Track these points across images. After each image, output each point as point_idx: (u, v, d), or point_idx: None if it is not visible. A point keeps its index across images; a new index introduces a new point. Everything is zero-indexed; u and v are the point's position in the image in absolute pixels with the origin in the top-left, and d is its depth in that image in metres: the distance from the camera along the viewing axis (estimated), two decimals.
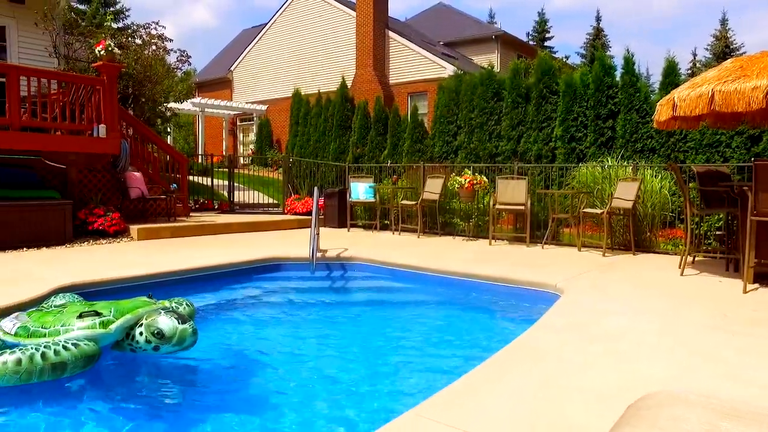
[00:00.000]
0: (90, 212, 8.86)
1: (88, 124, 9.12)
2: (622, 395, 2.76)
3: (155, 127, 14.30)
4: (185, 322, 3.36)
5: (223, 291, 6.30)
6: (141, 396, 3.58)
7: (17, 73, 8.47)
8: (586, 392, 2.84)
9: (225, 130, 28.33)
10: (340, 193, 11.49)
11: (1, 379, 2.99)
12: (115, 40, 12.40)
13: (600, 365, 3.26)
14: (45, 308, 3.97)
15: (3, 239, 7.62)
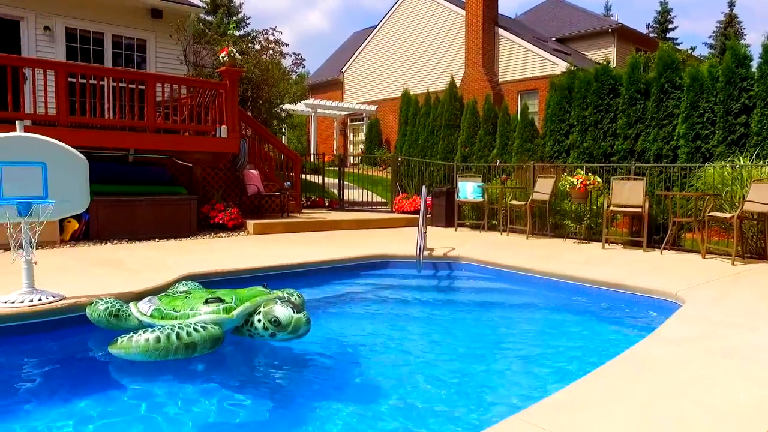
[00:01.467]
0: (212, 207, 9.53)
1: (212, 125, 9.80)
2: (754, 418, 2.54)
3: (271, 128, 15.07)
4: (300, 312, 3.56)
5: (330, 285, 6.53)
6: (255, 378, 3.83)
7: (154, 80, 9.29)
8: (710, 411, 2.64)
9: (336, 130, 29.24)
10: (448, 193, 11.48)
11: (144, 355, 3.34)
12: (237, 46, 13.22)
13: (726, 383, 3.02)
14: (172, 294, 4.33)
15: (139, 230, 8.40)
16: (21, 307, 4.33)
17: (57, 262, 6.27)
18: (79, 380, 3.77)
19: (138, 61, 12.90)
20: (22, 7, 11.29)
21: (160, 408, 3.23)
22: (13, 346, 4.22)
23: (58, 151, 4.64)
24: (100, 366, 4.01)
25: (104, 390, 3.53)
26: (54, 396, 3.49)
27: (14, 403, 3.38)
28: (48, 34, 11.60)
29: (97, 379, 3.76)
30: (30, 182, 4.47)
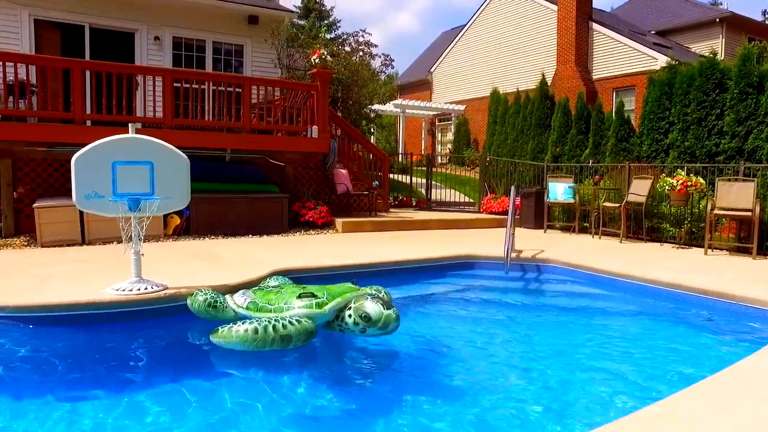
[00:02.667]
0: (303, 205, 9.84)
1: (304, 125, 10.11)
2: None
3: (360, 128, 15.33)
4: (390, 308, 3.62)
5: (417, 284, 6.55)
6: (343, 371, 3.93)
7: (250, 83, 9.73)
8: None
9: (424, 130, 29.28)
10: (538, 194, 11.20)
11: (242, 345, 3.54)
12: (328, 49, 13.55)
13: None
14: (264, 288, 4.52)
15: (235, 226, 8.83)
16: (130, 294, 4.68)
17: (161, 255, 6.71)
18: (180, 364, 4.03)
19: (235, 65, 13.55)
20: (136, 20, 12.18)
21: (253, 395, 3.39)
22: (122, 329, 4.57)
23: (163, 151, 4.97)
24: (200, 352, 4.26)
25: (203, 375, 3.75)
26: (158, 377, 3.75)
27: (124, 380, 3.66)
28: (157, 44, 12.44)
29: (196, 364, 4.00)
30: (139, 180, 4.82)
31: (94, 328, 4.51)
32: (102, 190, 4.73)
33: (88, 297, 4.63)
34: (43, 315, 4.44)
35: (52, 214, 7.46)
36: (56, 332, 4.41)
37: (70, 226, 7.54)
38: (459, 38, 27.87)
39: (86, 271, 5.77)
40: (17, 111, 8.53)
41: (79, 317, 4.50)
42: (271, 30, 12.98)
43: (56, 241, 7.45)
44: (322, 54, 10.62)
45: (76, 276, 5.55)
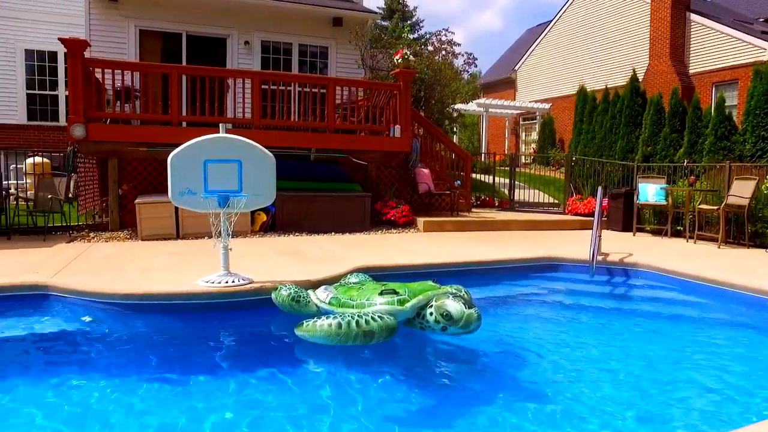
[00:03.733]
0: (384, 204, 9.93)
1: (386, 125, 10.20)
2: None
3: (443, 127, 15.26)
4: (471, 308, 3.58)
5: (498, 285, 6.44)
6: (422, 369, 3.93)
7: (334, 84, 9.93)
8: None
9: (507, 129, 28.73)
10: (627, 195, 10.69)
11: (326, 339, 3.62)
12: (411, 48, 13.60)
13: None
14: (345, 284, 4.60)
15: (318, 224, 9.04)
16: (219, 287, 4.91)
17: (247, 250, 6.98)
18: (264, 354, 4.18)
19: (320, 67, 13.88)
20: (228, 26, 12.77)
21: (333, 389, 3.46)
22: (212, 319, 4.81)
23: (251, 150, 5.17)
24: (283, 344, 4.41)
25: (286, 366, 3.87)
26: (243, 365, 3.90)
27: (212, 366, 3.85)
28: (247, 48, 12.97)
29: (279, 356, 4.14)
30: (228, 177, 5.04)
31: (186, 316, 4.77)
32: (194, 187, 4.99)
33: (182, 288, 4.90)
34: (143, 303, 4.75)
35: (151, 210, 7.96)
36: (154, 319, 4.72)
37: (167, 222, 8.01)
38: (544, 35, 27.12)
39: (180, 264, 6.11)
40: (123, 114, 9.18)
41: (173, 306, 4.78)
42: (355, 31, 13.19)
43: (154, 236, 7.94)
44: (405, 54, 10.68)
45: (172, 268, 5.89)
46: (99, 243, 7.63)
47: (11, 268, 5.72)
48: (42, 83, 15.27)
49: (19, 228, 8.14)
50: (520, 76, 28.80)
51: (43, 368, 3.97)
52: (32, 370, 3.89)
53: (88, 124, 8.16)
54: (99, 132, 8.33)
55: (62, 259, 6.24)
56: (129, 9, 11.94)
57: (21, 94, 15.04)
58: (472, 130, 30.37)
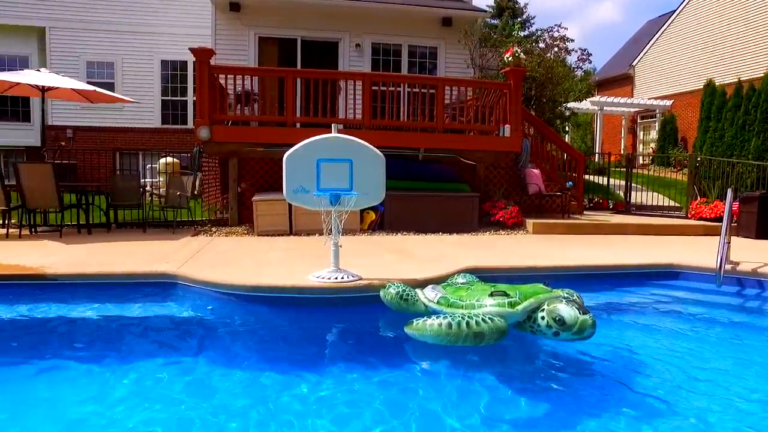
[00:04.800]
0: (493, 205, 9.76)
1: (496, 125, 10.03)
2: None
3: (554, 127, 14.75)
4: (586, 313, 3.43)
5: (612, 291, 6.11)
6: (530, 374, 3.81)
7: (443, 84, 9.92)
8: None
9: (624, 128, 27.21)
10: (762, 198, 9.74)
11: (435, 338, 3.62)
12: (521, 46, 13.27)
13: None
14: (453, 284, 4.56)
15: (425, 223, 9.07)
16: (328, 282, 5.06)
17: (356, 247, 7.14)
18: (372, 350, 4.25)
19: (429, 67, 13.92)
20: (340, 30, 13.17)
21: (439, 386, 3.46)
22: (322, 313, 4.97)
23: (362, 149, 5.27)
24: (391, 341, 4.46)
25: (394, 363, 3.91)
26: (351, 359, 3.99)
27: (319, 358, 3.98)
28: (358, 51, 13.29)
29: (387, 352, 4.19)
30: (340, 176, 5.18)
31: (297, 309, 4.96)
32: (308, 185, 5.18)
33: (294, 282, 5.11)
34: (259, 295, 5.01)
35: (267, 207, 8.38)
36: (268, 310, 4.96)
37: (281, 218, 8.40)
38: (667, 26, 25.36)
39: (293, 259, 6.37)
40: (243, 116, 9.75)
41: (286, 299, 4.99)
42: (465, 31, 13.09)
43: (269, 231, 8.34)
44: (516, 52, 10.45)
45: (285, 262, 6.16)
46: (220, 237, 8.15)
47: (145, 258, 6.26)
48: (174, 90, 16.63)
49: (152, 222, 8.90)
50: (639, 72, 27.16)
51: (165, 350, 4.29)
52: (156, 352, 4.22)
53: (212, 127, 8.75)
54: (221, 133, 8.90)
55: (188, 251, 6.73)
56: (250, 18, 12.65)
57: (157, 100, 16.48)
58: (585, 130, 29.08)
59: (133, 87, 16.02)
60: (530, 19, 34.08)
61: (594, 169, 16.49)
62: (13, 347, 4.31)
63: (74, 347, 4.31)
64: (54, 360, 4.00)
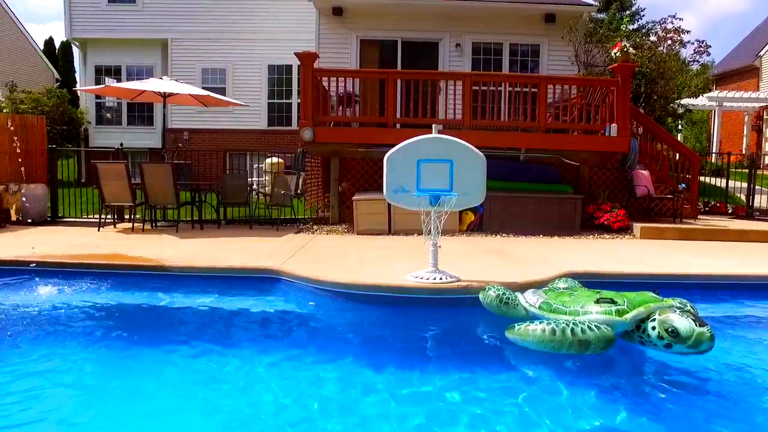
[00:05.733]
0: (597, 207, 9.35)
1: (601, 124, 9.60)
2: None
3: (665, 125, 13.89)
4: (703, 326, 3.21)
5: (731, 303, 5.67)
6: (636, 388, 3.62)
7: (546, 82, 9.64)
8: None
9: (746, 125, 25.08)
10: None
11: (537, 344, 3.54)
12: (630, 40, 12.58)
13: None
14: (554, 289, 4.43)
15: (525, 225, 8.86)
16: (427, 283, 5.09)
17: (455, 248, 7.11)
18: (470, 353, 4.22)
19: (531, 65, 13.57)
20: (440, 30, 13.17)
21: (539, 393, 3.37)
22: (419, 313, 5.01)
23: (463, 149, 5.25)
24: (489, 345, 4.41)
25: (492, 367, 3.86)
26: (448, 361, 3.99)
27: (415, 358, 4.00)
28: (458, 50, 13.22)
29: (485, 356, 4.14)
30: (440, 177, 5.18)
31: (395, 308, 5.03)
32: (408, 185, 5.23)
33: (393, 281, 5.18)
34: (358, 293, 5.13)
35: (367, 206, 8.54)
36: (366, 308, 5.07)
37: (380, 218, 8.53)
38: None
39: (391, 258, 6.46)
40: (345, 118, 10.01)
41: (385, 298, 5.07)
42: (569, 27, 12.62)
43: (368, 230, 8.50)
44: (624, 47, 9.90)
45: (383, 261, 6.26)
46: (321, 235, 8.42)
47: (251, 254, 6.60)
48: (279, 93, 17.39)
49: (257, 219, 9.36)
50: (766, 63, 24.93)
51: (267, 342, 4.50)
52: (258, 343, 4.43)
53: (315, 128, 9.05)
54: (324, 134, 9.18)
55: (291, 248, 7.01)
56: (352, 21, 12.95)
57: (264, 103, 17.32)
58: (701, 128, 27.12)
59: (242, 91, 16.90)
60: (640, 11, 32.17)
61: (710, 170, 15.33)
62: (132, 329, 4.72)
63: (184, 333, 4.64)
64: (166, 344, 4.32)
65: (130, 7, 17.63)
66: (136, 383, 3.56)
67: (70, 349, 4.15)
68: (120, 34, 17.57)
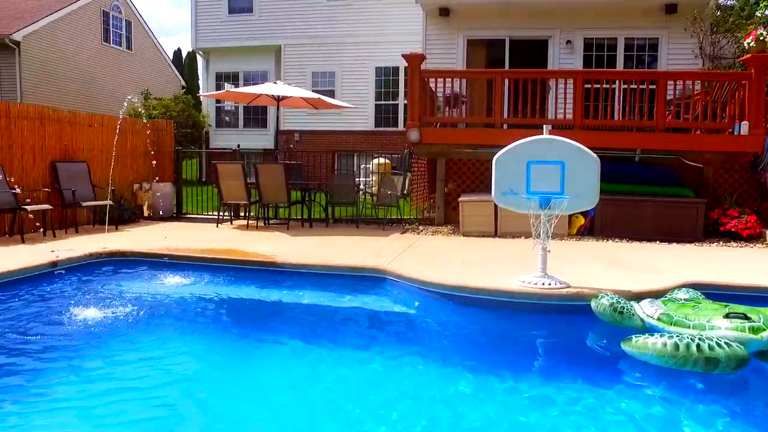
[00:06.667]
0: (723, 213, 8.64)
1: (729, 122, 8.86)
2: None
3: None
4: None
5: None
6: None
7: (665, 78, 9.07)
8: None
9: None
10: None
11: (658, 359, 3.34)
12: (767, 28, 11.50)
13: None
14: (675, 300, 4.15)
15: (640, 231, 8.38)
16: (535, 288, 4.96)
17: (564, 253, 6.86)
18: (581, 363, 4.05)
19: (648, 60, 12.78)
20: (550, 27, 12.75)
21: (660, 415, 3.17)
22: (527, 319, 4.90)
23: (575, 151, 5.07)
24: (603, 356, 4.23)
25: (602, 378, 3.69)
26: (555, 369, 3.87)
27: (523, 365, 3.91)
28: (569, 47, 12.74)
29: (599, 367, 3.96)
30: (550, 179, 5.04)
31: (502, 313, 4.96)
32: (517, 187, 5.13)
33: (500, 285, 5.11)
34: (463, 295, 5.11)
35: (473, 208, 8.47)
36: (471, 311, 5.04)
37: (486, 219, 8.42)
38: None
39: (497, 261, 6.36)
40: (452, 118, 9.99)
41: (490, 301, 5.01)
42: (692, 17, 11.76)
43: (474, 232, 8.43)
44: (760, 35, 9.07)
45: (489, 264, 6.18)
46: (426, 236, 8.46)
47: (358, 253, 6.77)
48: (386, 95, 17.69)
49: (364, 218, 9.57)
50: None
51: (372, 340, 4.59)
52: (363, 340, 4.54)
53: (422, 129, 9.10)
54: (430, 135, 9.22)
55: (396, 248, 7.11)
56: (459, 21, 12.88)
57: (371, 105, 17.71)
58: None
59: (350, 93, 17.36)
60: None
61: None
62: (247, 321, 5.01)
63: (293, 328, 4.86)
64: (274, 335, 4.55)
65: (248, 17, 18.70)
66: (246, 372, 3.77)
67: (192, 334, 4.51)
68: (238, 43, 18.73)
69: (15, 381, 3.45)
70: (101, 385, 3.42)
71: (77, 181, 8.63)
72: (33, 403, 3.16)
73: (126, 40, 23.01)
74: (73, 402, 3.19)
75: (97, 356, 3.90)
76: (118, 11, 22.46)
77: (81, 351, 3.97)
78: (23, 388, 3.36)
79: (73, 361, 3.77)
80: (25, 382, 3.46)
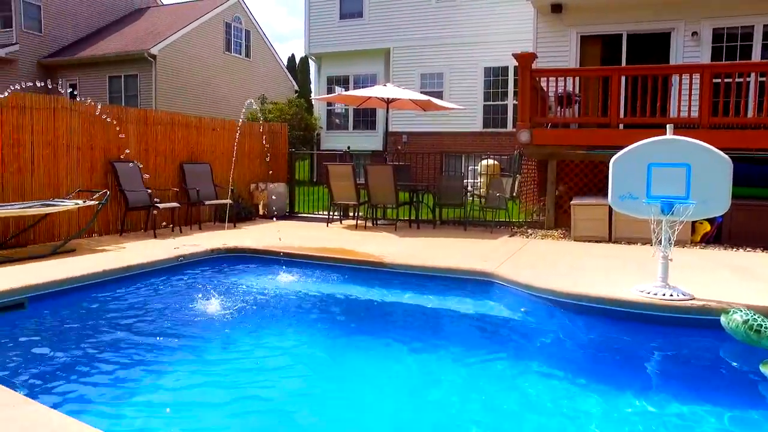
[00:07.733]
0: None
1: None
2: None
3: None
4: None
5: None
6: None
7: None
8: None
9: None
10: None
11: None
12: None
13: None
14: None
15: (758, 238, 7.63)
16: (655, 299, 4.67)
17: (687, 262, 6.40)
18: (708, 385, 3.75)
19: None
20: (672, 19, 11.92)
21: None
22: (644, 332, 4.62)
23: (703, 152, 4.72)
24: (735, 377, 3.90)
25: (737, 402, 3.40)
26: (681, 389, 3.61)
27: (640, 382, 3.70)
28: (695, 40, 11.84)
29: (729, 388, 3.66)
30: (674, 182, 4.73)
31: (616, 323, 4.71)
32: (636, 191, 4.87)
33: (615, 294, 4.86)
34: (575, 303, 4.91)
35: (586, 212, 8.12)
36: (584, 320, 4.83)
37: (600, 224, 8.04)
38: None
39: (611, 268, 6.06)
40: (564, 119, 9.65)
41: (605, 311, 4.77)
42: None
43: (586, 236, 8.08)
44: None
45: (602, 271, 5.89)
46: (535, 239, 8.23)
47: (465, 255, 6.72)
48: (495, 95, 17.43)
49: (472, 220, 9.48)
50: None
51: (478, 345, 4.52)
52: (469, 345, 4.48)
53: (532, 129, 8.87)
54: (541, 136, 8.97)
55: (505, 252, 6.98)
56: (572, 18, 12.39)
57: (479, 105, 17.55)
58: None
59: (458, 94, 17.29)
60: None
61: None
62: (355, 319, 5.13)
63: (400, 328, 4.91)
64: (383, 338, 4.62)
65: (358, 22, 19.19)
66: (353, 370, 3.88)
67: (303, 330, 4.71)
68: (348, 47, 19.29)
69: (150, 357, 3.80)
70: (219, 368, 3.70)
71: (201, 181, 9.30)
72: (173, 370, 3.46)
73: (245, 49, 24.44)
74: (197, 377, 3.45)
75: (217, 343, 4.20)
76: (238, 22, 23.91)
77: (203, 338, 4.30)
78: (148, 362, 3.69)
79: (196, 347, 4.09)
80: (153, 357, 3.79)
